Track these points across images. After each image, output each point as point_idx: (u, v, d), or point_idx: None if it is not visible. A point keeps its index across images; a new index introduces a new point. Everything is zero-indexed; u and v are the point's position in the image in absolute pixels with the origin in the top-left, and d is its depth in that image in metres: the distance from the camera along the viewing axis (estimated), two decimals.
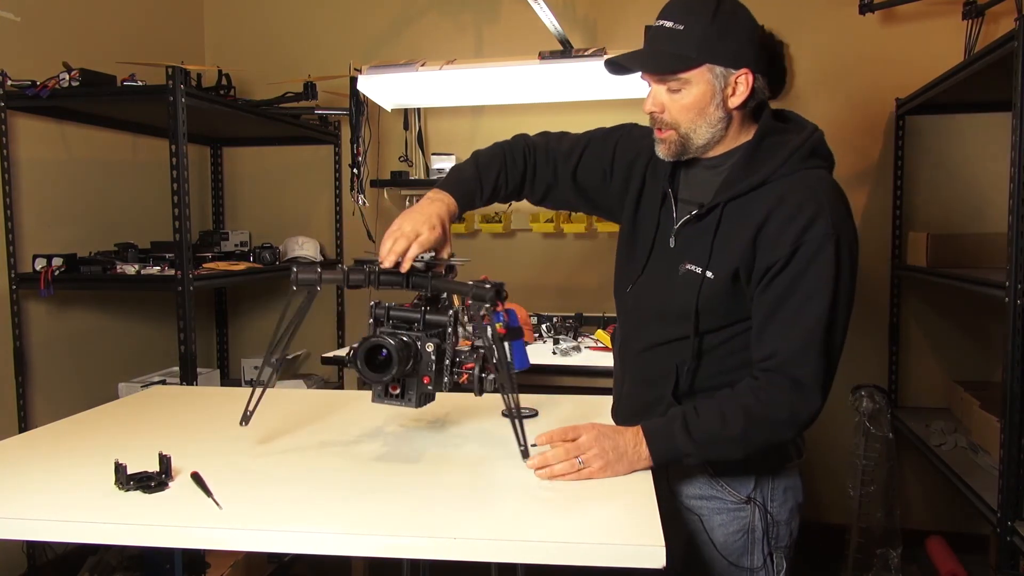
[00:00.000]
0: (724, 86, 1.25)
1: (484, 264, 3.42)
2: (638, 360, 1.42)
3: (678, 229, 1.35)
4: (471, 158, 1.52)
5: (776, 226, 1.22)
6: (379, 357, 1.25)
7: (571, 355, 2.69)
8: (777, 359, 1.22)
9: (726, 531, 1.36)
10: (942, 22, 2.94)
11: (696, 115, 1.27)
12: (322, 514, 1.09)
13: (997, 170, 2.89)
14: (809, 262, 1.20)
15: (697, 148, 1.31)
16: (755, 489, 1.35)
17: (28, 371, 2.61)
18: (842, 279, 1.21)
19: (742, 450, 1.24)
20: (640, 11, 3.15)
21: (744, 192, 1.27)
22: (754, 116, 1.33)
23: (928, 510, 3.10)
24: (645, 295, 1.40)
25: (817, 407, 1.22)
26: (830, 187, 1.26)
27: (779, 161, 1.26)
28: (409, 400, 1.31)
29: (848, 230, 1.24)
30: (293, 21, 3.54)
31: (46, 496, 1.16)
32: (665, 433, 1.23)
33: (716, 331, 1.31)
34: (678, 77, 1.24)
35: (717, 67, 1.23)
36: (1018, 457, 1.90)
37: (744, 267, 1.25)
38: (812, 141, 1.29)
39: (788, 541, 1.38)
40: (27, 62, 2.57)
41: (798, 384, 1.21)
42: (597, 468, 1.21)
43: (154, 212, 3.16)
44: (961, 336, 3.04)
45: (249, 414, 1.27)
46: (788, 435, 1.26)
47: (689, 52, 1.23)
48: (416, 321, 1.32)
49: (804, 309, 1.21)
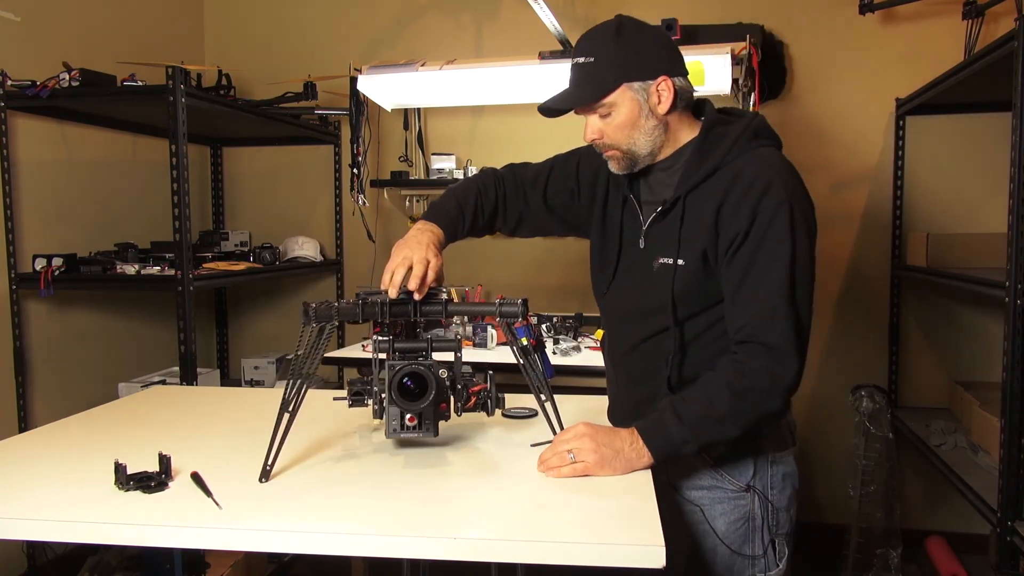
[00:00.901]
0: (647, 97, 1.33)
1: (484, 264, 3.43)
2: (626, 360, 1.46)
3: (646, 230, 1.42)
4: (448, 193, 1.57)
5: (733, 201, 1.28)
6: (407, 387, 1.27)
7: (571, 355, 2.69)
8: (747, 329, 1.26)
9: (728, 520, 1.38)
10: (942, 22, 2.95)
11: (631, 131, 1.35)
12: (322, 514, 1.09)
13: (997, 170, 2.89)
14: (766, 230, 1.26)
15: (644, 157, 1.38)
16: (755, 477, 1.37)
17: (28, 371, 2.61)
18: (798, 242, 1.26)
19: (735, 426, 1.26)
20: (640, 11, 3.13)
21: (701, 181, 1.33)
22: (696, 114, 1.41)
23: (928, 510, 3.10)
24: (622, 296, 1.46)
25: (795, 369, 1.25)
26: (779, 161, 1.32)
27: (727, 145, 1.33)
28: (428, 430, 1.31)
29: (801, 198, 1.29)
30: (293, 21, 3.54)
31: (46, 496, 1.16)
32: (657, 425, 1.25)
33: (695, 317, 1.35)
34: (603, 103, 1.33)
35: (635, 83, 1.32)
36: (1018, 457, 1.90)
37: (711, 247, 1.31)
38: (755, 124, 1.36)
39: (788, 528, 1.41)
40: (27, 62, 2.58)
41: (771, 349, 1.24)
42: (593, 462, 1.22)
43: (154, 212, 3.16)
44: (961, 336, 3.04)
45: (268, 469, 1.22)
46: (776, 403, 1.27)
47: (606, 78, 1.32)
48: (423, 351, 1.33)
49: (766, 276, 1.25)
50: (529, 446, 1.40)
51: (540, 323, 2.96)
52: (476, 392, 1.37)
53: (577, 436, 1.25)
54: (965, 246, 2.64)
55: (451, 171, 3.14)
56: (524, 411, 1.63)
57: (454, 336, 1.42)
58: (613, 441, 1.24)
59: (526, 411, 1.63)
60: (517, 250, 3.40)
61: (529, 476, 1.25)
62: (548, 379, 1.36)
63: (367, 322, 1.34)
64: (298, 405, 1.26)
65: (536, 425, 1.53)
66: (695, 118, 1.40)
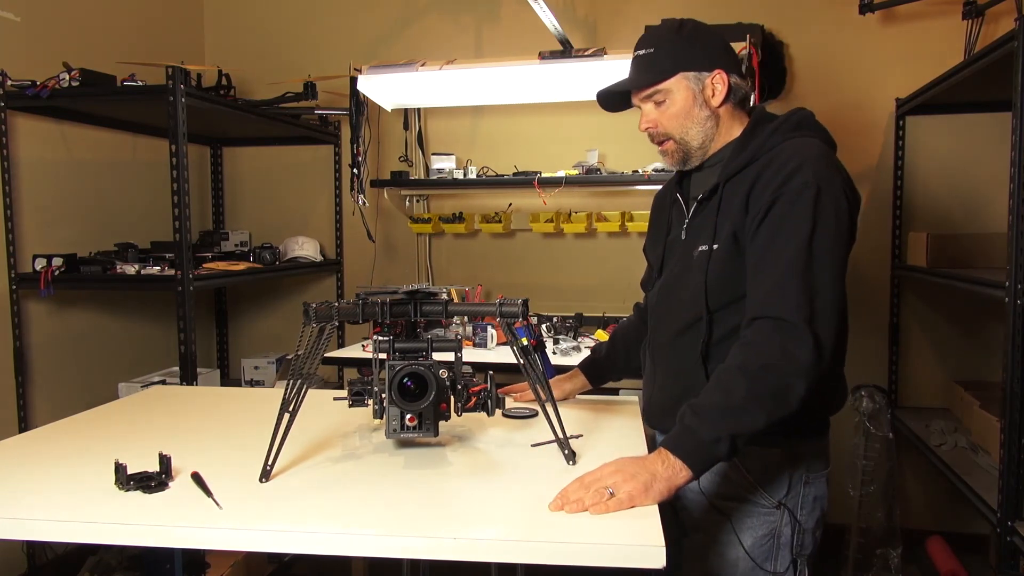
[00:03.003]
0: (702, 88, 1.38)
1: (484, 264, 3.43)
2: (664, 353, 1.45)
3: (688, 221, 1.44)
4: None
5: (763, 182, 1.29)
6: (408, 387, 1.27)
7: (571, 355, 2.69)
8: (756, 305, 1.24)
9: (755, 535, 1.36)
10: (942, 22, 2.95)
11: (684, 119, 1.39)
12: (322, 514, 1.09)
13: (997, 170, 2.89)
14: (787, 210, 1.24)
15: (696, 150, 1.42)
16: (788, 495, 1.35)
17: (28, 371, 2.61)
18: (820, 224, 1.23)
19: (760, 412, 1.16)
20: (640, 11, 3.15)
21: (740, 169, 1.34)
22: (746, 114, 1.44)
23: (928, 510, 3.10)
24: (664, 288, 1.47)
25: (809, 343, 1.17)
26: (816, 148, 1.30)
27: (767, 135, 1.35)
28: (428, 430, 1.31)
29: (832, 184, 1.26)
30: (293, 21, 3.54)
31: (46, 496, 1.16)
32: (682, 433, 1.18)
33: (728, 307, 1.32)
34: (659, 89, 1.38)
35: (690, 72, 1.37)
36: (1018, 457, 1.90)
37: (740, 227, 1.30)
38: (797, 116, 1.37)
39: (812, 549, 1.39)
40: (27, 62, 2.58)
41: (780, 322, 1.19)
42: (636, 491, 1.11)
43: (154, 212, 3.16)
44: (961, 336, 3.04)
45: (268, 469, 1.22)
46: (795, 380, 1.17)
47: (664, 65, 1.38)
48: (423, 351, 1.33)
49: (781, 253, 1.23)
50: (529, 446, 1.40)
51: (540, 323, 2.96)
52: (476, 392, 1.37)
53: (611, 472, 1.14)
54: (965, 246, 2.64)
55: (451, 171, 3.14)
56: (524, 411, 1.63)
57: (454, 336, 1.42)
58: (646, 466, 1.15)
59: (526, 411, 1.63)
60: (517, 250, 3.40)
61: (529, 476, 1.25)
62: (548, 379, 1.36)
63: (367, 322, 1.34)
64: (298, 405, 1.26)
65: (536, 425, 1.53)
66: (746, 117, 1.44)
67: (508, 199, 3.32)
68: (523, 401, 1.70)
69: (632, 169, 2.99)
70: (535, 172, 3.04)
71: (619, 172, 3.00)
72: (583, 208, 3.22)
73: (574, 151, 3.18)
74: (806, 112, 1.39)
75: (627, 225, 3.10)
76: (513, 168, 3.19)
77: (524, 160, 3.24)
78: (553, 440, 1.35)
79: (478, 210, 3.32)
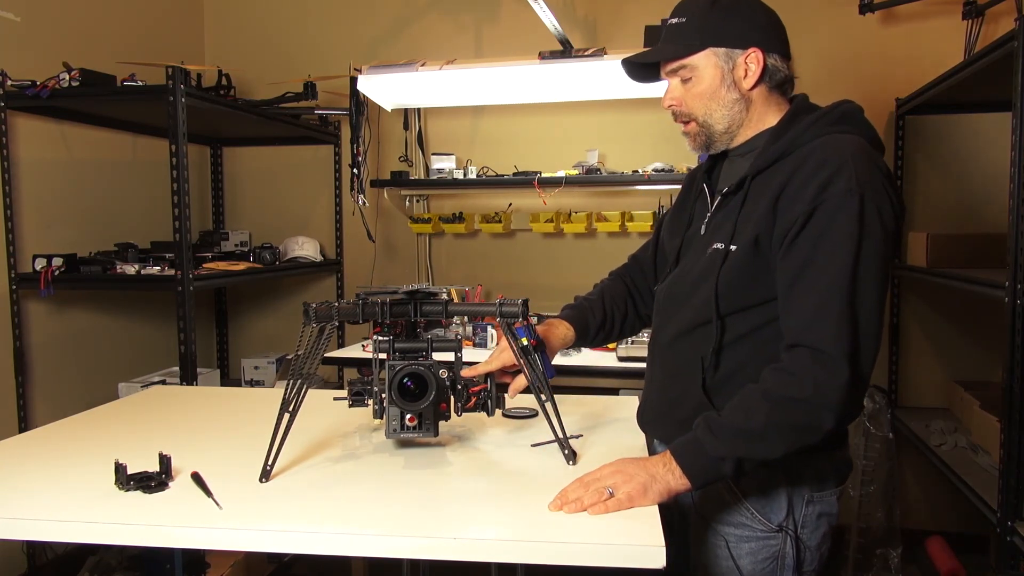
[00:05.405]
0: (733, 67, 1.25)
1: (484, 264, 3.43)
2: (666, 352, 1.38)
3: (710, 216, 1.33)
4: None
5: (796, 185, 1.16)
6: (408, 387, 1.27)
7: (571, 355, 2.69)
8: (795, 331, 1.14)
9: (754, 559, 1.27)
10: (942, 22, 2.94)
11: (709, 100, 1.27)
12: (322, 514, 1.09)
13: (997, 170, 2.89)
14: (829, 222, 1.12)
15: (720, 134, 1.30)
16: (788, 517, 1.26)
17: (28, 371, 2.61)
18: (866, 239, 1.11)
19: (778, 442, 1.11)
20: (640, 11, 3.15)
21: (770, 163, 1.23)
22: (786, 100, 1.31)
23: (928, 510, 3.10)
24: (674, 283, 1.38)
25: (844, 379, 1.09)
26: (858, 147, 1.17)
27: (804, 127, 1.22)
28: (428, 430, 1.31)
29: (877, 191, 1.14)
30: (293, 21, 3.54)
31: (46, 496, 1.16)
32: (691, 443, 1.13)
33: (739, 313, 1.24)
34: (685, 64, 1.26)
35: (721, 49, 1.24)
36: (1018, 457, 1.90)
37: (765, 232, 1.19)
38: (841, 109, 1.24)
39: (817, 565, 1.31)
40: (27, 62, 2.58)
41: (818, 353, 1.10)
42: (635, 491, 1.09)
43: (154, 212, 3.16)
44: (961, 336, 3.04)
45: (268, 469, 1.22)
46: (825, 420, 1.10)
47: (692, 38, 1.25)
48: (423, 351, 1.33)
49: (823, 273, 1.12)
50: (529, 446, 1.40)
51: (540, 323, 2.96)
52: (476, 392, 1.37)
53: (611, 473, 1.12)
54: (965, 246, 2.63)
55: (451, 171, 3.14)
56: (524, 411, 1.63)
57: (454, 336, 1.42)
58: (646, 467, 1.13)
59: (526, 411, 1.63)
60: (517, 250, 3.40)
61: (529, 476, 1.25)
62: (548, 379, 1.36)
63: (367, 322, 1.34)
64: (298, 405, 1.26)
65: (536, 425, 1.53)
66: (786, 103, 1.30)
67: (508, 199, 3.32)
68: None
69: (632, 169, 2.99)
70: (535, 172, 3.04)
71: (619, 172, 3.00)
72: (583, 208, 3.22)
73: (574, 151, 3.18)
74: (853, 105, 1.25)
75: (627, 225, 3.09)
76: (513, 168, 3.19)
77: (524, 160, 3.24)
78: (553, 440, 1.35)
79: (478, 210, 3.32)
